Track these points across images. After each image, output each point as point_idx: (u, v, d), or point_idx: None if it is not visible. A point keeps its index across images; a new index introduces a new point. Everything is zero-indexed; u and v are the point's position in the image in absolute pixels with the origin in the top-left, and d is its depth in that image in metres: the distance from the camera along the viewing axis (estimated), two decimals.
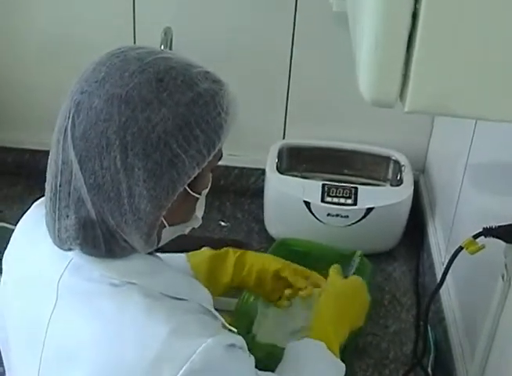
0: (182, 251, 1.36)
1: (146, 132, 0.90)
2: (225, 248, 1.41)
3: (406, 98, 0.57)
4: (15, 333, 1.04)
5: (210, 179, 1.04)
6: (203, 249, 1.40)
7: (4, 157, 2.03)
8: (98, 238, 0.95)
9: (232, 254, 1.39)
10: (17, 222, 1.12)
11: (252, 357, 1.03)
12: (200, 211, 1.05)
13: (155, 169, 0.91)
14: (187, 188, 0.97)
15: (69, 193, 0.95)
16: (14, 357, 1.05)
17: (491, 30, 0.56)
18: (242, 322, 1.44)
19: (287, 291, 1.39)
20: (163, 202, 0.93)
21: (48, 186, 0.99)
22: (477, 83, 0.57)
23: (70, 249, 0.98)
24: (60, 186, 0.96)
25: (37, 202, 1.08)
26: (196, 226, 1.07)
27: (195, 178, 0.96)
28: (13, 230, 1.12)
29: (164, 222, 0.98)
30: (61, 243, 0.98)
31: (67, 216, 0.96)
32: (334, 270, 1.34)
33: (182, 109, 0.92)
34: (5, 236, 1.13)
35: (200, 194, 1.01)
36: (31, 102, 1.99)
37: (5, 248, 1.10)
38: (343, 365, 1.19)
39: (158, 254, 1.09)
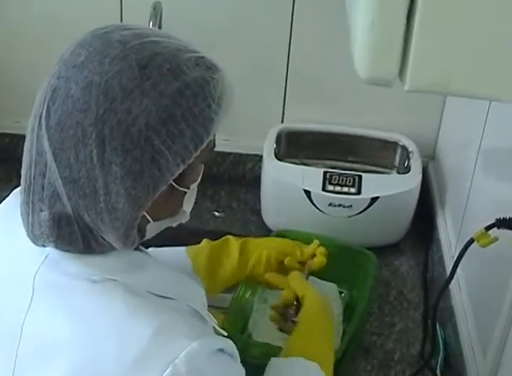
0: (171, 245, 1.36)
1: (126, 126, 0.89)
2: (225, 237, 1.39)
3: (406, 76, 0.57)
4: None
5: (202, 171, 1.03)
6: (203, 241, 1.39)
7: None
8: (75, 234, 0.95)
9: (234, 243, 1.38)
10: None
11: (242, 368, 1.01)
12: (188, 206, 1.04)
13: (134, 166, 0.90)
14: (173, 183, 0.96)
15: (43, 187, 0.95)
16: None
17: (494, 5, 0.56)
18: (236, 320, 1.45)
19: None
20: (142, 202, 0.92)
21: (22, 178, 0.98)
22: (480, 60, 0.57)
23: (43, 246, 0.98)
24: (34, 178, 0.95)
25: (16, 190, 1.08)
26: (183, 221, 1.06)
27: (182, 172, 0.94)
28: None
29: (148, 217, 0.97)
30: (35, 238, 0.98)
31: (41, 211, 0.96)
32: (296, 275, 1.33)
33: (166, 100, 0.90)
34: None
35: (188, 188, 1.00)
36: (11, 84, 1.98)
37: None
38: None
39: (151, 248, 1.09)
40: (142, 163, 0.90)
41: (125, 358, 0.90)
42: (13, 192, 1.10)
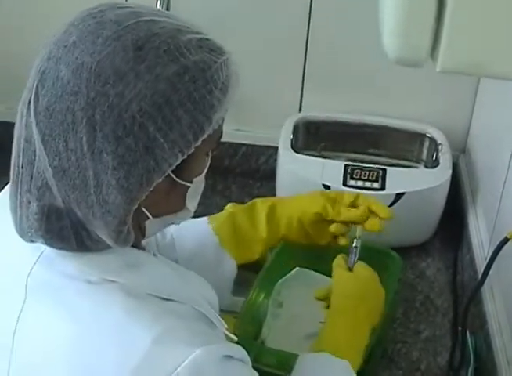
0: None
1: (118, 111, 0.89)
2: (253, 201, 1.41)
3: (438, 55, 0.56)
4: None
5: (208, 164, 1.03)
6: (228, 206, 1.41)
7: None
8: (66, 230, 0.95)
9: (260, 208, 1.39)
10: None
11: (256, 373, 1.01)
12: (191, 202, 1.04)
13: (127, 156, 0.90)
14: (172, 175, 0.96)
15: (31, 177, 0.95)
16: None
17: None
18: (249, 325, 1.45)
19: (333, 228, 1.39)
20: (135, 194, 0.92)
21: (11, 167, 0.98)
22: None
23: (31, 241, 0.98)
24: (22, 167, 0.95)
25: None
26: (187, 219, 1.07)
27: (183, 163, 0.95)
28: None
29: (147, 212, 0.98)
30: (22, 232, 0.98)
31: (29, 203, 0.96)
32: (337, 262, 1.34)
33: (162, 84, 0.90)
34: None
35: (190, 182, 1.00)
36: (6, 70, 1.98)
37: None
38: None
39: None
40: (136, 152, 0.90)
41: (125, 367, 0.90)
42: (7, 186, 1.09)
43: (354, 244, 1.36)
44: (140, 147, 0.90)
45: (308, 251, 1.52)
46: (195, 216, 1.11)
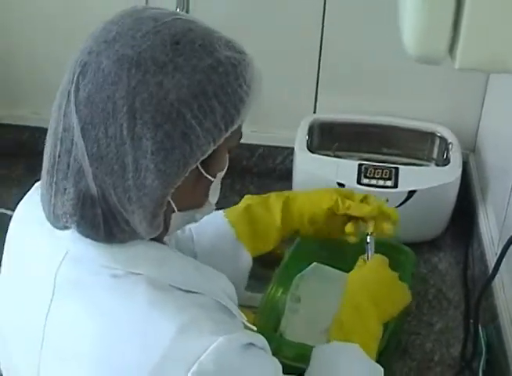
0: None
1: (157, 99, 0.92)
2: (267, 195, 1.43)
3: (457, 53, 0.57)
4: (11, 329, 1.06)
5: (227, 162, 1.06)
6: (244, 199, 1.43)
7: (1, 135, 2.05)
8: (97, 217, 0.96)
9: (275, 203, 1.41)
10: (16, 207, 1.13)
11: (277, 361, 1.02)
12: (213, 197, 1.06)
13: (165, 141, 0.92)
14: (200, 168, 0.98)
15: (68, 164, 0.96)
16: (11, 356, 1.06)
17: None
18: (268, 319, 1.45)
19: (348, 229, 1.41)
20: (172, 178, 0.94)
21: (46, 159, 1.00)
22: None
23: (65, 227, 1.00)
24: (59, 156, 0.97)
25: (37, 183, 1.09)
26: (208, 214, 1.09)
27: (209, 157, 0.97)
28: (12, 216, 1.13)
29: (173, 205, 0.99)
30: (55, 220, 1.00)
31: (65, 189, 0.97)
32: (357, 263, 1.38)
33: (199, 75, 0.93)
34: (3, 224, 1.15)
35: (214, 177, 1.03)
36: (31, 75, 2.00)
37: (5, 237, 1.12)
38: (381, 369, 1.19)
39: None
40: (174, 138, 0.92)
41: (151, 356, 0.91)
42: (34, 186, 1.11)
43: (367, 241, 1.39)
44: (178, 133, 0.93)
45: (324, 246, 1.54)
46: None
